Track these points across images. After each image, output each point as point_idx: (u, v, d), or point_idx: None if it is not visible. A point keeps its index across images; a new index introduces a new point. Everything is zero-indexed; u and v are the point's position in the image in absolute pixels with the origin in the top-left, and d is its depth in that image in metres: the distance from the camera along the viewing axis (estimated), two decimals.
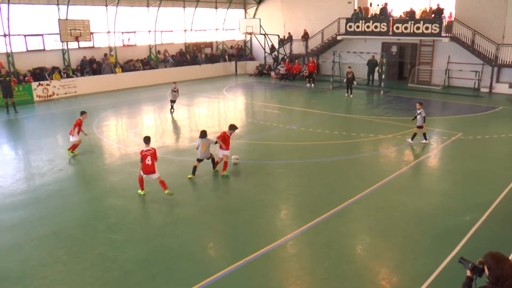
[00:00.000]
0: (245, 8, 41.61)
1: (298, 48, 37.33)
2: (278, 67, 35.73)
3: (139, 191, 12.15)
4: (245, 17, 40.78)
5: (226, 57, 39.41)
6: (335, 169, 14.26)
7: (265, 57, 38.22)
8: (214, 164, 13.97)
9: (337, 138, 17.75)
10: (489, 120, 21.37)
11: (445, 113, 22.99)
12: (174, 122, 21.09)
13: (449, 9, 31.02)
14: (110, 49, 31.89)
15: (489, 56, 28.51)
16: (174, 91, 22.59)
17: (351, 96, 27.28)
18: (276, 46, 37.76)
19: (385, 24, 30.93)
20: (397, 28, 30.32)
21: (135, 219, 10.82)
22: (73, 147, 15.85)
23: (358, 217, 10.76)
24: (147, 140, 12.04)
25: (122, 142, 17.43)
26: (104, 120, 21.33)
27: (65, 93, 27.68)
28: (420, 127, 16.87)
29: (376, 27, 31.29)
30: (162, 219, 10.72)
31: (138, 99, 27.00)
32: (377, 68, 30.61)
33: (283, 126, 19.79)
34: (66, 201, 11.85)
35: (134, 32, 33.54)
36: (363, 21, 31.91)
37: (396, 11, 33.36)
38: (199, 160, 13.67)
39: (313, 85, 31.54)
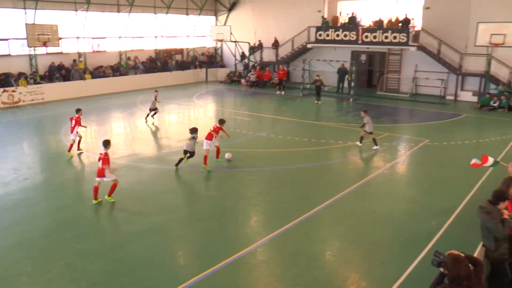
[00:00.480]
0: (216, 15, 41.66)
1: (268, 55, 37.53)
2: (248, 75, 35.85)
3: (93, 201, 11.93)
4: (216, 24, 40.83)
5: (197, 64, 39.36)
6: (304, 176, 14.35)
7: (235, 64, 38.29)
8: (182, 160, 14.72)
9: (306, 145, 17.86)
10: (454, 127, 21.88)
11: (412, 120, 23.45)
12: (144, 129, 20.86)
13: (416, 20, 31.80)
14: (80, 55, 31.41)
15: (454, 65, 29.27)
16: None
17: (319, 103, 27.54)
18: (247, 53, 37.90)
19: (354, 33, 31.41)
20: (366, 37, 30.83)
21: (104, 228, 10.65)
22: (71, 146, 16.33)
23: (328, 223, 10.84)
24: (104, 143, 12.01)
25: (91, 150, 17.14)
26: None
27: (32, 100, 27.06)
28: (370, 133, 17.31)
29: (345, 35, 31.74)
30: (132, 228, 10.56)
31: (108, 106, 26.64)
32: (346, 76, 31.02)
33: (252, 134, 19.80)
34: (32, 210, 11.56)
35: (104, 37, 33.15)
36: (333, 30, 32.33)
37: (365, 21, 33.95)
38: (186, 153, 14.68)
39: (283, 92, 31.73)
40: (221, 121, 15.72)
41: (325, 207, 11.76)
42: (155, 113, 22.19)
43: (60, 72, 29.60)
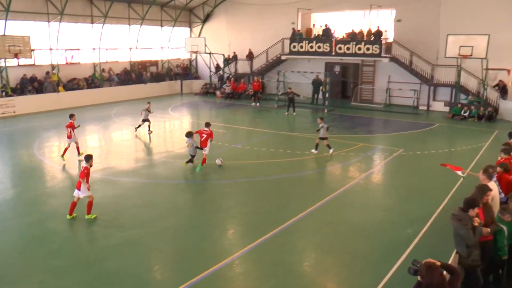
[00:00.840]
0: (190, 27, 41.68)
1: (243, 67, 37.66)
2: (223, 86, 35.88)
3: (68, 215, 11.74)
4: (191, 36, 40.86)
5: (172, 75, 39.23)
6: (281, 187, 14.36)
7: (210, 76, 38.31)
8: (191, 161, 16.06)
9: (282, 156, 17.91)
10: (427, 136, 22.27)
11: (387, 130, 23.78)
12: (120, 142, 20.63)
13: (389, 32, 32.42)
14: (53, 66, 30.97)
15: (426, 76, 29.88)
16: (148, 110, 22.02)
17: (294, 113, 27.71)
18: (221, 65, 37.96)
19: (328, 44, 31.80)
20: (340, 48, 31.23)
21: (78, 244, 10.44)
22: (65, 150, 17.30)
23: (305, 234, 10.86)
24: (86, 158, 11.89)
25: (65, 164, 16.86)
26: (45, 141, 20.59)
27: (3, 113, 26.50)
28: (323, 138, 17.88)
29: (319, 47, 32.11)
30: (106, 243, 10.37)
31: (82, 118, 26.12)
32: (321, 87, 31.32)
33: (228, 145, 19.77)
34: (3, 226, 11.24)
35: (78, 49, 32.80)
36: (307, 42, 32.67)
37: (339, 32, 34.43)
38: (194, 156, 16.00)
39: (258, 104, 31.84)
40: (208, 124, 16.88)
41: (302, 217, 11.77)
42: (149, 125, 22.08)
43: (33, 84, 29.11)
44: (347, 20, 34.82)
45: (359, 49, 30.49)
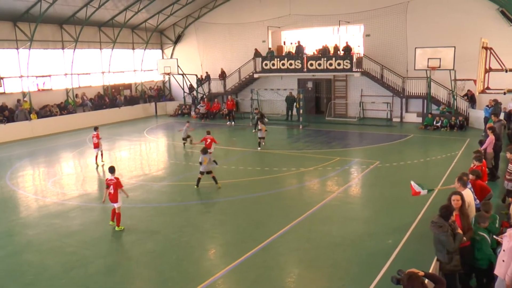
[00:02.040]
0: (162, 49, 41.72)
1: (216, 87, 37.75)
2: (198, 107, 35.85)
3: (111, 222, 12.80)
4: (163, 58, 40.88)
5: (146, 98, 39.07)
6: (259, 204, 14.31)
7: (184, 97, 38.28)
8: (215, 180, 16.13)
9: (259, 174, 17.90)
10: (402, 147, 22.56)
11: (362, 143, 23.99)
12: (94, 167, 20.34)
13: (359, 46, 32.98)
14: (24, 94, 30.50)
15: (397, 89, 30.40)
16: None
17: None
18: (195, 85, 37.98)
19: (299, 61, 32.13)
20: (311, 64, 31.57)
21: (54, 275, 10.13)
22: (96, 158, 19.86)
23: (286, 250, 10.81)
24: (111, 169, 12.90)
25: (40, 193, 16.47)
26: (18, 170, 20.11)
27: None
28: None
29: (291, 64, 32.41)
30: (84, 271, 10.09)
31: (56, 146, 25.87)
32: (295, 104, 31.54)
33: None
34: None
35: (49, 75, 32.41)
36: (278, 59, 32.96)
37: (309, 49, 34.87)
38: (202, 173, 16.14)
39: (233, 123, 31.91)
40: (208, 132, 19.46)
41: (282, 234, 11.73)
42: (191, 141, 23.89)
43: (3, 113, 28.56)
44: (317, 36, 35.34)
45: (330, 64, 30.87)
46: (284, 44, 37.05)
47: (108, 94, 36.49)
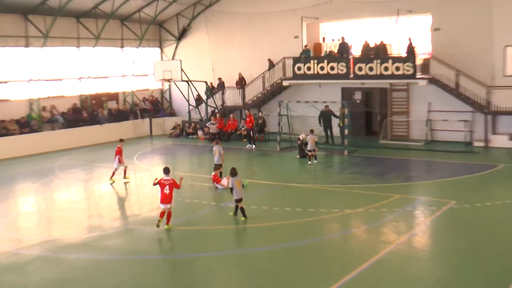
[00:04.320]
0: (161, 47, 42.16)
1: (232, 98, 37.84)
2: (207, 124, 35.81)
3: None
4: (162, 59, 41.24)
5: (138, 112, 39.26)
6: (288, 259, 14.09)
7: (189, 112, 38.36)
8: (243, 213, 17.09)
9: (289, 217, 17.62)
10: (488, 182, 22.09)
11: (430, 176, 23.57)
12: (66, 205, 20.32)
13: (425, 44, 32.73)
14: None
15: (480, 102, 29.89)
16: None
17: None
18: (204, 96, 38.03)
19: (343, 64, 31.86)
20: (360, 69, 31.29)
21: None
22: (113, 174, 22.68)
23: None
24: (166, 170, 16.73)
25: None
26: None
27: None
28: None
29: (332, 68, 32.17)
30: None
31: (14, 174, 26.04)
32: (338, 122, 31.11)
33: (216, 204, 19.65)
34: None
35: (6, 82, 32.83)
36: (315, 61, 32.81)
37: (357, 48, 34.63)
38: (239, 201, 17.11)
39: (254, 146, 31.87)
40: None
41: None
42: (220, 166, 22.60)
43: None
44: (367, 30, 35.18)
45: (386, 68, 30.53)
46: (324, 40, 37.01)
47: (86, 106, 36.79)
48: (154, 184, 16.59)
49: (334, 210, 18.17)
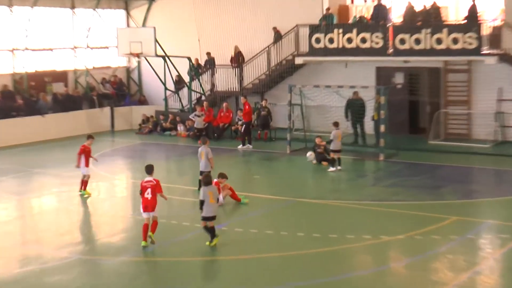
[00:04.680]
0: (127, 9, 42.12)
1: (226, 80, 37.94)
2: (190, 117, 35.76)
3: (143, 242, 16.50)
4: (128, 25, 41.20)
5: (95, 99, 39.19)
6: None
7: (165, 99, 38.30)
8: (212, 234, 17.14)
9: (304, 246, 17.59)
10: None
11: (501, 191, 23.57)
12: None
13: (492, 9, 32.70)
14: None
15: None
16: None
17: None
18: (186, 78, 37.97)
19: (379, 35, 31.76)
20: (402, 41, 31.22)
21: None
22: (85, 184, 22.84)
23: None
24: (149, 169, 17.50)
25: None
26: None
27: None
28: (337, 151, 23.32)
29: (363, 40, 32.14)
30: None
31: None
32: (372, 115, 31.02)
33: (200, 227, 19.43)
34: None
35: None
36: (341, 31, 32.69)
37: (398, 12, 34.58)
38: (209, 219, 17.10)
39: (250, 146, 32.06)
40: (223, 175, 21.20)
41: None
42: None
43: None
44: None
45: (439, 41, 30.52)
46: (352, 2, 36.98)
47: (22, 90, 36.76)
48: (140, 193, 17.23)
49: (366, 236, 18.12)
